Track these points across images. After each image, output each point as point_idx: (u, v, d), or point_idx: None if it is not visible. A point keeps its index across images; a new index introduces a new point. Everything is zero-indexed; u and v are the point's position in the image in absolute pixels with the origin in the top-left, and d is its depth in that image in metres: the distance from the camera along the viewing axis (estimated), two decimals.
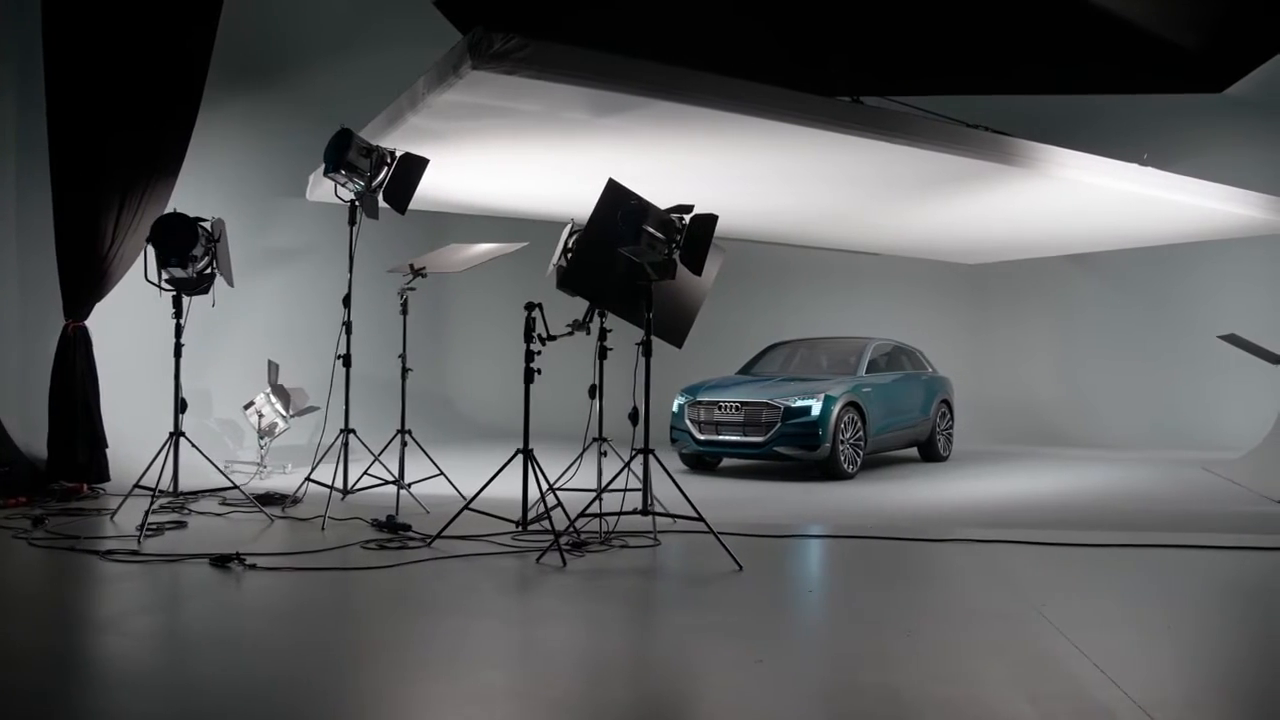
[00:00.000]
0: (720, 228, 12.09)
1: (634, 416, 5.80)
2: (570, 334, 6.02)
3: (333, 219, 11.21)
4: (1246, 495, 8.87)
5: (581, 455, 6.94)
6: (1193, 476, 10.30)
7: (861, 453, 9.80)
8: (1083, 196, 10.00)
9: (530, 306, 5.86)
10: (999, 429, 14.51)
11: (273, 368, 9.14)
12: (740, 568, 5.30)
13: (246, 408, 9.09)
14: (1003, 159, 8.90)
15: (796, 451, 9.39)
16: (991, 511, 8.00)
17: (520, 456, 5.91)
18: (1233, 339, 10.50)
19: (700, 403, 9.84)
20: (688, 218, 5.73)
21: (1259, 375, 10.92)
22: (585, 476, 7.05)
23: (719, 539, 5.51)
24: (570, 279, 5.90)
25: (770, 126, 7.73)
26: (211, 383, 10.22)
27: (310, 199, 10.76)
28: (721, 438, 9.67)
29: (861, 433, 9.80)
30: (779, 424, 9.36)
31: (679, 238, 5.68)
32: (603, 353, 6.60)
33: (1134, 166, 9.61)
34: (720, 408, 9.69)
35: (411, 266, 7.58)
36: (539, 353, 5.91)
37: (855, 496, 8.63)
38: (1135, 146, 13.49)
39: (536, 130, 7.83)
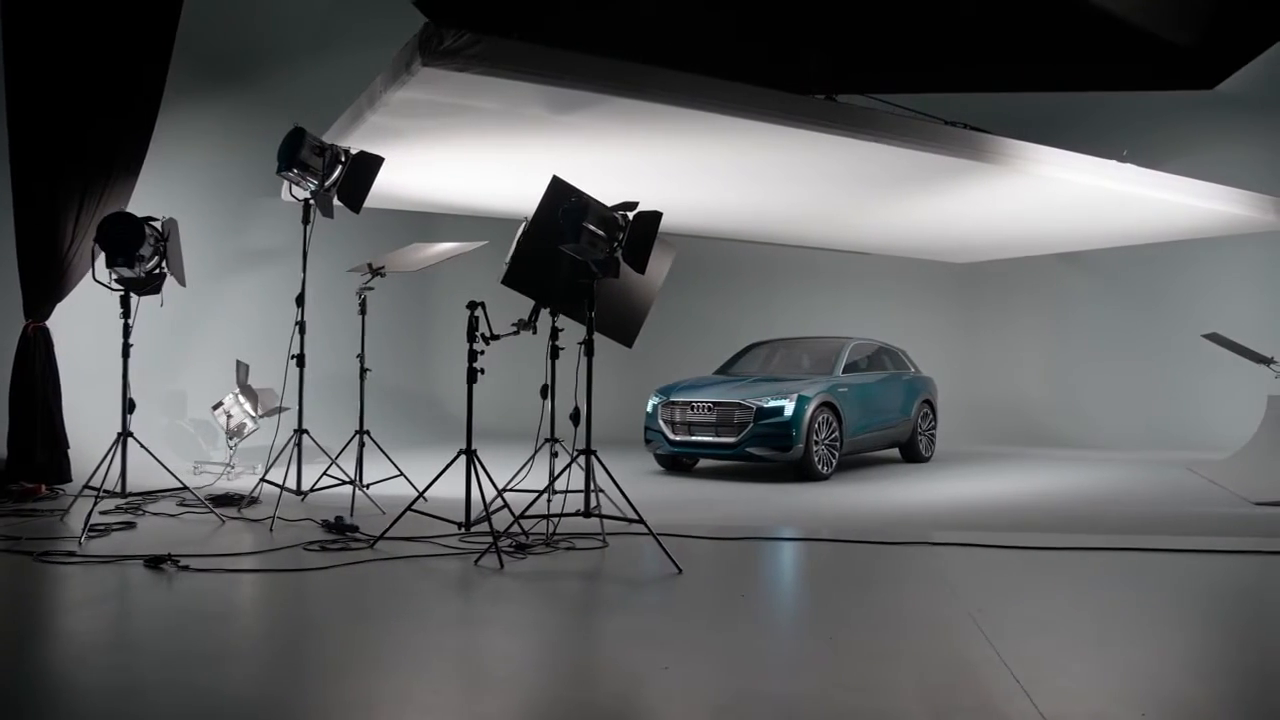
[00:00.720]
0: (691, 226, 12.07)
1: (575, 417, 5.70)
2: (516, 333, 5.95)
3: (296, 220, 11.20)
4: (1225, 497, 8.73)
5: (534, 456, 6.83)
6: (1175, 478, 10.16)
7: (837, 454, 9.69)
8: (1062, 194, 9.88)
9: (472, 305, 5.79)
10: (989, 429, 14.39)
11: (241, 368, 9.10)
12: (679, 571, 5.22)
13: (215, 408, 9.05)
14: (976, 156, 8.80)
15: (769, 452, 9.28)
16: (962, 514, 7.89)
17: (464, 457, 5.82)
18: (1216, 338, 10.38)
19: (673, 403, 9.75)
20: (632, 215, 5.64)
21: (1251, 375, 10.74)
22: (540, 477, 6.95)
23: (659, 542, 5.43)
24: (514, 277, 5.82)
25: (733, 123, 7.66)
26: (186, 383, 10.20)
27: (285, 199, 10.69)
28: (694, 438, 9.58)
29: (837, 433, 9.69)
30: (751, 424, 9.27)
31: (622, 235, 5.60)
32: (554, 352, 6.50)
33: (1112, 163, 9.48)
34: (693, 408, 9.59)
35: (370, 266, 7.52)
36: (482, 352, 5.84)
37: (826, 498, 8.52)
38: (1126, 144, 13.39)
39: (497, 128, 7.77)
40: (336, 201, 6.99)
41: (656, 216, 5.66)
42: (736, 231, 12.45)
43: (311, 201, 6.92)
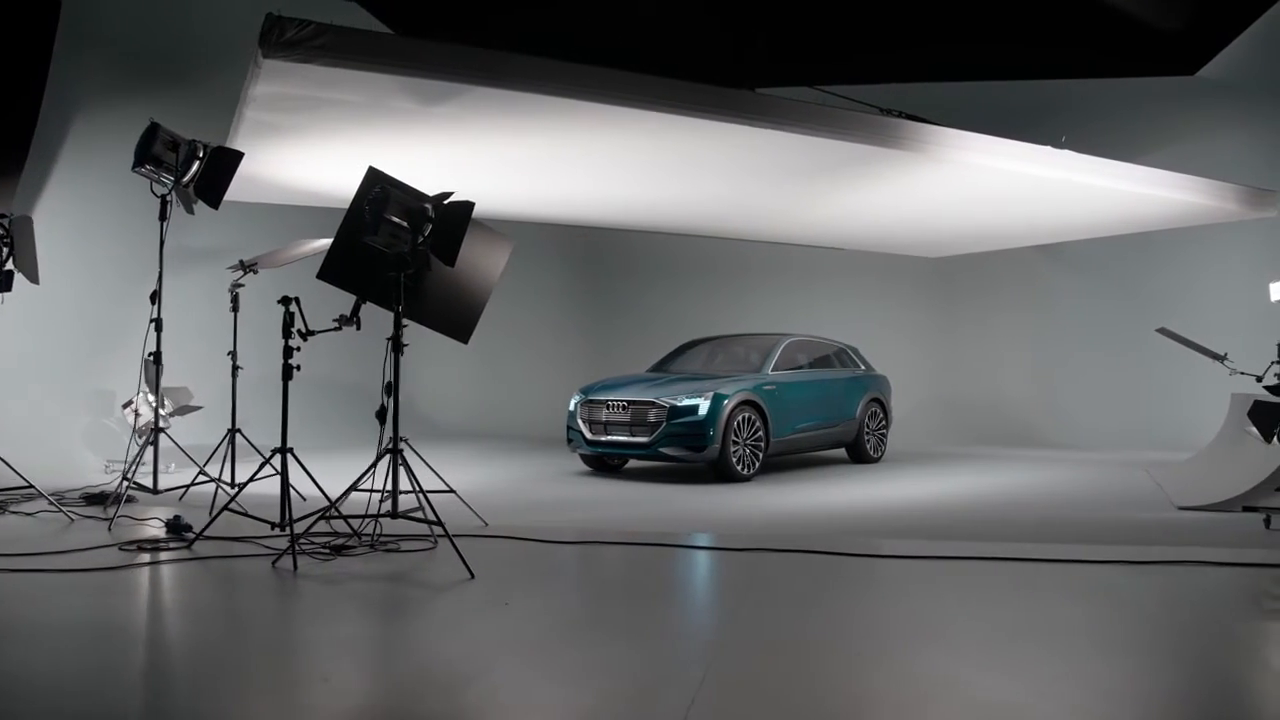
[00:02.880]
0: (611, 220, 11.80)
1: (381, 415, 5.52)
2: (337, 329, 5.77)
3: (251, 218, 11.19)
4: (1158, 501, 8.28)
5: (383, 456, 6.63)
6: (1126, 481, 9.69)
7: (761, 454, 9.37)
8: (999, 183, 9.45)
9: (285, 301, 5.65)
10: (966, 429, 13.95)
11: (151, 366, 9.07)
12: (472, 576, 5.02)
13: (125, 406, 9.06)
14: (896, 144, 8.43)
15: (683, 452, 9.02)
16: (869, 518, 7.52)
17: (279, 456, 5.69)
18: (1168, 333, 9.86)
19: (591, 402, 9.53)
20: (445, 206, 5.46)
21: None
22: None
23: (454, 545, 5.24)
24: (330, 271, 5.66)
25: (624, 113, 7.41)
26: (116, 383, 10.25)
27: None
28: (610, 438, 9.34)
29: (761, 433, 9.38)
30: (664, 424, 9.00)
31: (429, 227, 5.42)
32: (399, 348, 6.33)
33: (1047, 149, 9.02)
34: (608, 407, 9.36)
35: (242, 263, 7.44)
36: (298, 348, 5.69)
37: (736, 501, 8.21)
38: (1108, 133, 12.88)
39: (371, 121, 7.62)
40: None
41: (467, 207, 5.47)
42: (659, 224, 12.17)
43: (169, 198, 6.84)
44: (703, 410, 8.94)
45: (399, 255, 5.43)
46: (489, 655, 3.84)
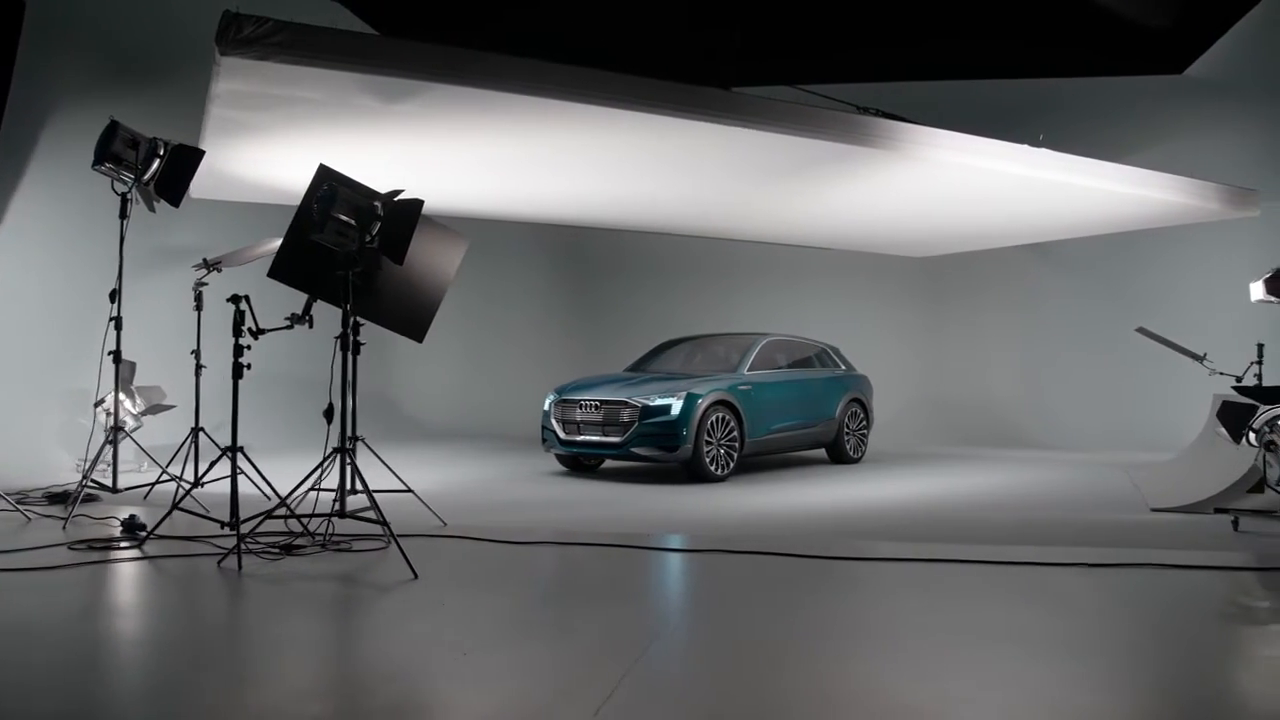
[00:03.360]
0: (587, 218, 11.74)
1: (329, 414, 5.48)
2: (289, 327, 5.72)
3: (231, 216, 11.18)
4: (1135, 502, 8.19)
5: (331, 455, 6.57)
6: (1108, 481, 9.60)
7: (736, 455, 9.31)
8: (976, 182, 9.37)
9: (235, 299, 5.61)
10: (954, 429, 13.86)
11: (122, 365, 9.04)
12: (415, 576, 4.97)
13: (97, 405, 9.02)
14: (872, 142, 8.35)
15: (655, 452, 8.96)
16: (840, 519, 7.42)
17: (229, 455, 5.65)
18: (1148, 333, 9.80)
19: (565, 401, 9.48)
20: (392, 203, 5.42)
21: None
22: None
23: (399, 546, 5.19)
24: (280, 269, 5.62)
25: (592, 111, 7.36)
26: (90, 381, 10.21)
27: (194, 196, 10.68)
28: (583, 438, 9.29)
29: (736, 433, 9.32)
30: (637, 424, 8.95)
31: (378, 225, 5.38)
32: (355, 347, 6.29)
33: (1024, 147, 8.94)
34: (581, 406, 9.31)
35: (205, 261, 7.41)
36: (248, 347, 5.65)
37: (707, 501, 8.12)
38: (1096, 134, 12.79)
39: (337, 119, 7.57)
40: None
41: (416, 205, 5.43)
42: (634, 223, 12.12)
43: (129, 196, 6.82)
44: (675, 410, 8.89)
45: (348, 253, 5.39)
46: (408, 656, 3.80)
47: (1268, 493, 6.93)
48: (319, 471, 5.52)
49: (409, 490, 6.54)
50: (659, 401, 8.94)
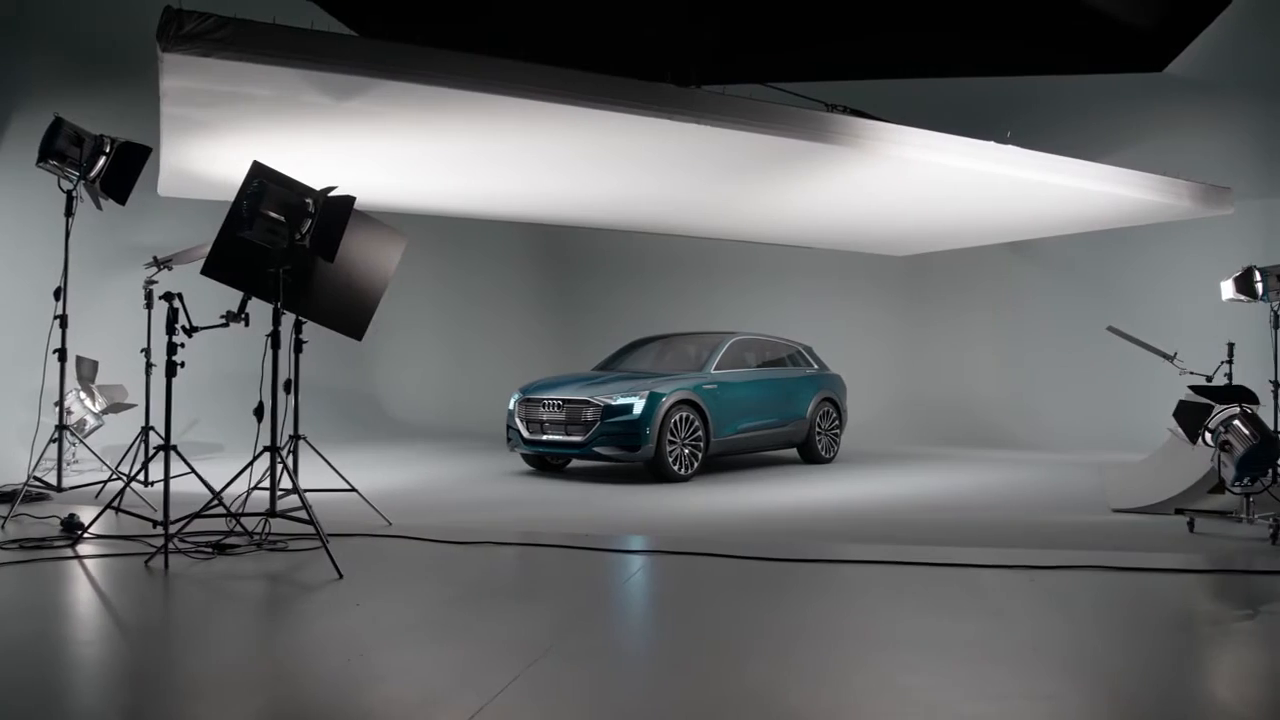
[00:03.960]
0: (547, 215, 11.64)
1: (259, 412, 5.43)
2: (225, 325, 5.67)
3: (201, 214, 11.13)
4: (1099, 502, 8.11)
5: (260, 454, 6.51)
6: (1079, 481, 9.55)
7: (701, 455, 9.25)
8: (944, 179, 9.29)
9: (169, 297, 5.55)
10: (936, 429, 13.76)
11: (85, 364, 9.03)
12: (340, 576, 4.93)
13: (57, 404, 8.98)
14: (832, 139, 8.30)
15: (617, 452, 8.90)
16: (797, 520, 7.35)
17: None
18: (1118, 332, 9.69)
19: (528, 400, 9.42)
20: (326, 200, 5.37)
21: (1240, 370, 9.78)
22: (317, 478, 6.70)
23: (325, 545, 5.14)
24: (214, 266, 5.56)
25: (552, 109, 7.30)
26: (55, 381, 10.18)
27: (162, 194, 10.65)
28: (546, 437, 9.23)
29: (701, 433, 9.25)
30: (599, 423, 8.89)
31: (310, 222, 5.33)
32: (298, 345, 6.24)
33: (991, 144, 8.87)
34: (544, 406, 9.25)
35: (156, 259, 7.37)
36: (182, 345, 5.60)
37: (667, 502, 8.03)
38: (1074, 133, 12.70)
39: (294, 116, 7.51)
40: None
41: (347, 202, 5.38)
42: (597, 221, 12.06)
43: (75, 193, 6.78)
44: (637, 409, 8.82)
45: (279, 250, 5.34)
46: (299, 658, 3.75)
47: (1227, 494, 6.85)
48: (249, 470, 5.46)
49: (353, 490, 6.49)
50: (621, 401, 8.88)
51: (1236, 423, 6.52)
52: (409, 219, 13.90)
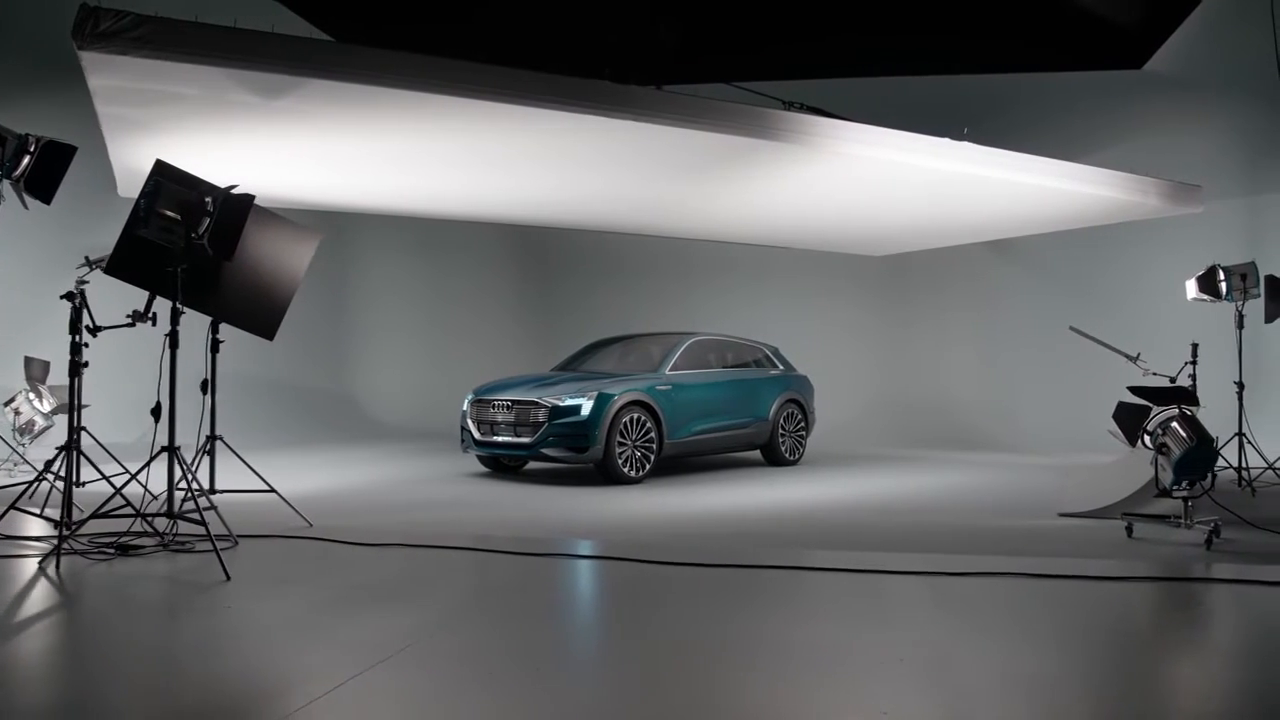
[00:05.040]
0: (495, 213, 11.54)
1: (156, 412, 5.37)
2: (131, 325, 5.63)
3: None
4: (1053, 507, 7.92)
5: (200, 453, 6.46)
6: (1039, 484, 9.37)
7: (653, 457, 9.14)
8: (901, 177, 9.16)
9: (70, 297, 5.52)
10: (917, 431, 13.56)
11: (34, 364, 9.03)
12: (228, 578, 4.86)
13: (7, 404, 9.00)
14: (781, 136, 8.19)
15: (565, 453, 8.81)
16: (739, 523, 7.23)
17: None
18: (1079, 332, 9.52)
19: (480, 401, 9.35)
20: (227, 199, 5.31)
21: (1207, 369, 9.54)
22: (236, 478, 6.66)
23: (215, 547, 5.07)
24: (117, 265, 5.52)
25: (488, 108, 7.24)
26: (13, 379, 10.21)
27: (122, 195, 10.65)
28: (496, 438, 9.14)
29: (653, 434, 9.15)
30: (546, 424, 8.80)
31: (208, 221, 5.27)
32: (215, 345, 6.19)
33: (946, 141, 8.73)
34: (493, 406, 9.17)
35: (88, 259, 7.31)
36: (86, 345, 5.56)
37: (614, 505, 7.92)
38: (1054, 132, 12.53)
39: (227, 115, 7.47)
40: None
41: (246, 201, 5.33)
42: (543, 219, 12.00)
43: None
44: (585, 410, 8.73)
45: (176, 249, 5.28)
46: (144, 661, 3.68)
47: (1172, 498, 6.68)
48: (145, 470, 5.41)
49: (271, 490, 6.43)
50: (569, 402, 8.79)
51: (1174, 425, 6.37)
52: (378, 220, 13.91)
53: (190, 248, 5.24)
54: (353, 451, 11.69)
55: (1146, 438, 6.53)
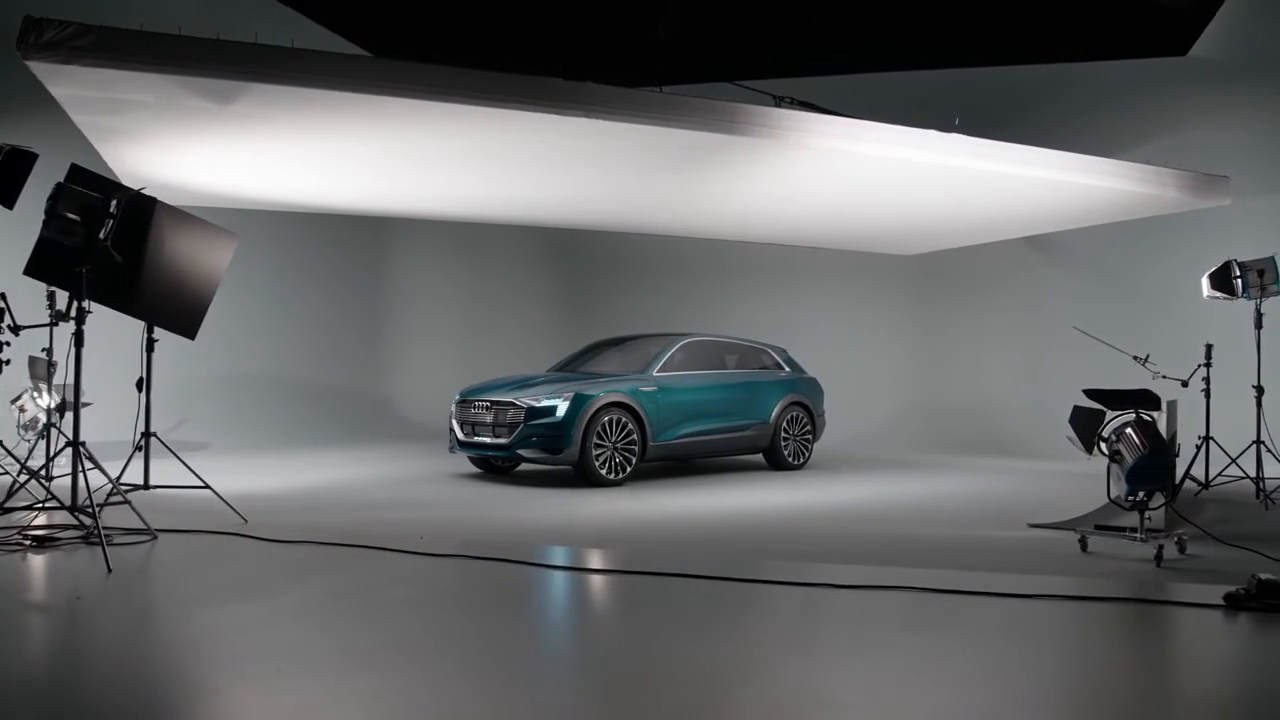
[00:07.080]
0: (462, 213, 11.53)
1: (61, 409, 5.51)
2: (53, 324, 5.81)
3: None
4: (1036, 517, 7.49)
5: (134, 451, 6.62)
6: (1037, 492, 8.98)
7: (634, 459, 9.00)
8: (896, 173, 8.84)
9: None
10: (949, 436, 13.11)
11: (39, 363, 9.40)
12: (110, 571, 4.96)
13: (14, 402, 9.41)
14: (755, 132, 8.01)
15: (540, 454, 8.75)
16: (699, 529, 7.01)
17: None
18: (1084, 333, 9.05)
19: (463, 402, 9.37)
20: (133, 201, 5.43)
21: (1224, 371, 8.92)
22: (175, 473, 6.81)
23: (101, 541, 5.17)
24: (35, 266, 5.69)
25: (446, 109, 7.29)
26: (15, 379, 10.65)
27: None
28: (477, 439, 9.15)
29: (636, 436, 9.02)
30: (522, 425, 8.76)
31: (110, 222, 5.39)
32: (149, 345, 6.34)
33: (931, 133, 8.38)
34: (474, 407, 9.18)
35: None
36: (8, 344, 5.75)
37: (586, 508, 7.78)
38: (1095, 125, 11.94)
39: (187, 120, 7.67)
40: None
41: (150, 203, 5.43)
42: (514, 218, 11.94)
43: None
44: (561, 411, 8.66)
45: (80, 250, 5.42)
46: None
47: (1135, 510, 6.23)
48: (49, 465, 5.57)
49: (206, 487, 6.55)
50: (545, 403, 8.73)
51: (1128, 431, 5.95)
52: (414, 226, 14.10)
53: (92, 248, 5.37)
54: (371, 451, 11.88)
55: (1101, 444, 6.12)
